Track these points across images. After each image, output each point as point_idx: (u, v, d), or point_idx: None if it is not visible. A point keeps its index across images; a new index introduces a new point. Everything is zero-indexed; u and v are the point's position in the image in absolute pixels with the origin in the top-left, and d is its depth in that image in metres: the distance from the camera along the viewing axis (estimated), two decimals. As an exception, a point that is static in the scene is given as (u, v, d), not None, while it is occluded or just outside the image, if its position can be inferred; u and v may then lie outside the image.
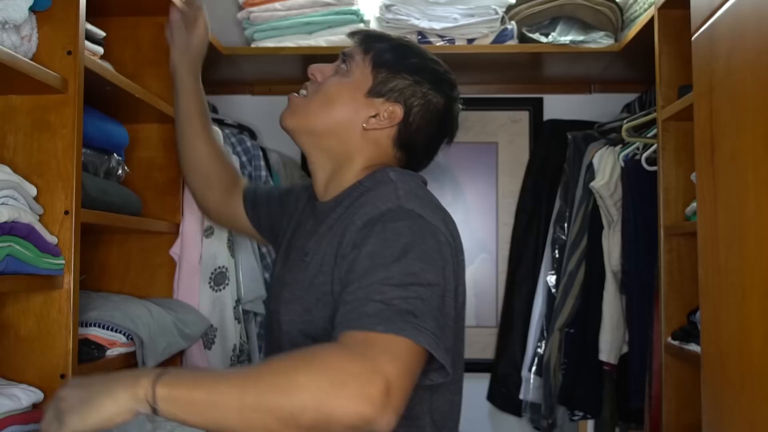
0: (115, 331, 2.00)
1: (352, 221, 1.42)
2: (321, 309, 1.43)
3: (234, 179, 1.99)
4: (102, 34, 1.99)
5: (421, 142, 1.61)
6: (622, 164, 2.69)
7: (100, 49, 1.97)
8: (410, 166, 1.62)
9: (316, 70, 1.64)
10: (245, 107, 3.28)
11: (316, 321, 1.44)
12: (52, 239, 1.68)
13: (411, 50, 1.62)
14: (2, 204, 1.57)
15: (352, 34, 1.65)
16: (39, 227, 1.64)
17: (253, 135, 2.98)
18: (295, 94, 1.64)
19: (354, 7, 2.89)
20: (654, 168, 2.50)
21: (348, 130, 1.57)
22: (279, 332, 1.54)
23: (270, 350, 1.63)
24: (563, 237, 2.95)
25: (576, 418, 2.85)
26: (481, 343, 3.26)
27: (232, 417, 1.14)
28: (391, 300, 1.24)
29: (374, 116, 1.56)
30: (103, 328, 1.99)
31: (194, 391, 1.17)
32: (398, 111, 1.56)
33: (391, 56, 1.58)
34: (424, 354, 1.25)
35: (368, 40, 1.61)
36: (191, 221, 2.45)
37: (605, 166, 2.74)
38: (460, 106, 1.67)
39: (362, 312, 1.24)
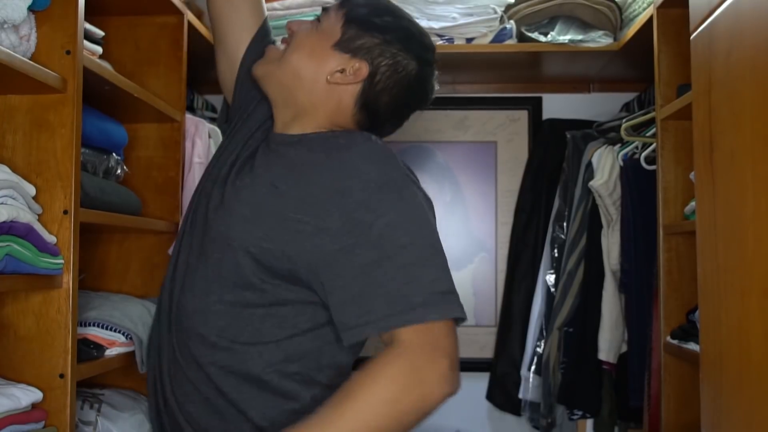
0: (115, 331, 2.00)
1: (350, 177, 1.42)
2: (287, 243, 1.42)
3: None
4: (101, 33, 1.99)
5: (385, 105, 1.57)
6: (621, 163, 2.69)
7: (99, 49, 1.97)
8: (372, 130, 1.59)
9: (294, 23, 1.61)
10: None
11: (276, 252, 1.43)
12: (51, 239, 1.68)
13: (386, 9, 1.59)
14: (1, 203, 1.57)
15: None
16: (38, 227, 1.64)
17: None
18: (273, 46, 1.63)
19: (353, 7, 2.89)
20: (653, 167, 2.50)
21: (313, 80, 1.54)
22: (217, 246, 1.50)
23: (189, 269, 1.56)
24: (562, 236, 2.95)
25: (575, 417, 2.85)
26: (480, 342, 3.26)
27: None
28: (431, 283, 1.37)
29: (340, 71, 1.53)
30: (103, 327, 1.99)
31: None
32: (364, 68, 1.53)
33: (363, 13, 1.55)
34: None
35: None
36: (190, 221, 2.45)
37: (604, 165, 2.74)
38: (436, 72, 1.62)
39: (411, 302, 1.34)
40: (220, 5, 1.77)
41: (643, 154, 2.60)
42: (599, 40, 2.82)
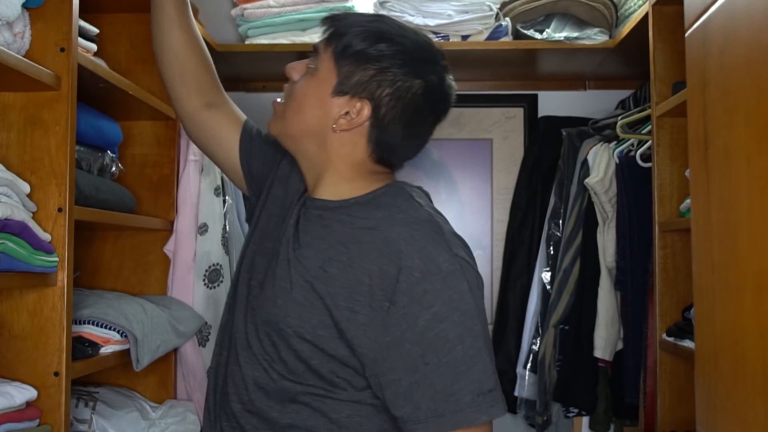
0: (109, 329, 2.00)
1: (394, 262, 1.35)
2: (341, 331, 1.37)
3: (214, 87, 1.77)
4: (95, 30, 1.99)
5: (398, 134, 1.45)
6: (617, 161, 2.69)
7: (94, 46, 1.97)
8: (392, 163, 1.50)
9: (291, 69, 1.50)
10: (239, 104, 3.24)
11: (325, 341, 1.38)
12: (46, 236, 1.68)
13: (378, 34, 1.43)
14: (-5, 201, 1.57)
15: (323, 21, 1.48)
16: (32, 224, 1.64)
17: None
18: (277, 100, 1.53)
19: (348, 4, 2.89)
20: (648, 164, 2.50)
21: (322, 133, 1.45)
22: (275, 332, 1.43)
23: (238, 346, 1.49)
24: (558, 233, 2.95)
25: (571, 414, 2.85)
26: (476, 339, 3.25)
27: None
28: (478, 381, 1.33)
29: (344, 116, 1.42)
30: (97, 325, 1.99)
31: None
32: (366, 107, 1.41)
33: (354, 45, 1.42)
34: None
35: (334, 30, 1.45)
36: (185, 218, 2.45)
37: (600, 163, 2.74)
38: (449, 76, 1.48)
39: (460, 402, 1.32)
40: (198, 130, 1.74)
41: (639, 152, 2.60)
42: (595, 37, 2.82)
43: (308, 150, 1.49)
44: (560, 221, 2.96)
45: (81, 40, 1.85)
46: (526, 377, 2.98)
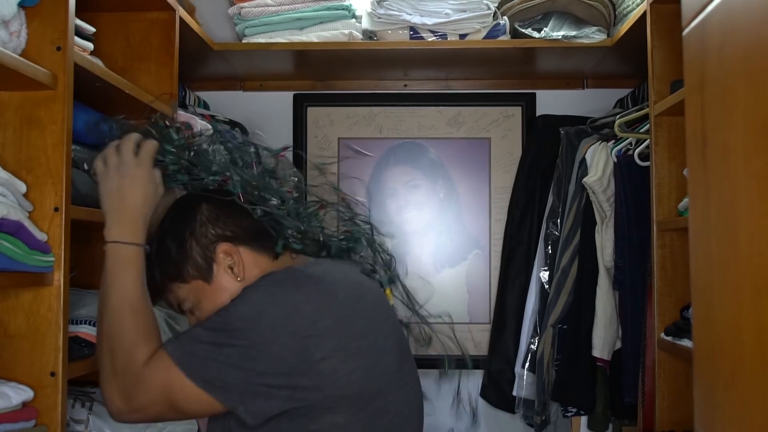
0: (106, 329, 1.98)
1: None
2: None
3: None
4: (92, 29, 1.98)
5: (247, 223, 1.60)
6: (615, 159, 2.69)
7: (90, 45, 1.96)
8: (268, 243, 1.62)
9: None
10: (236, 103, 3.27)
11: None
12: (42, 236, 1.67)
13: (161, 237, 1.63)
14: (-9, 201, 1.56)
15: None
16: (28, 224, 1.63)
17: (244, 131, 2.98)
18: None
19: (345, 3, 2.89)
20: (647, 163, 2.50)
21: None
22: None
23: None
24: (556, 233, 2.95)
25: (569, 414, 2.85)
26: (474, 339, 3.25)
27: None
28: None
29: (231, 269, 1.58)
30: (94, 325, 1.98)
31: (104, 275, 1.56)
32: (224, 246, 1.58)
33: (166, 266, 1.60)
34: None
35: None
36: (183, 218, 2.44)
37: (598, 162, 2.74)
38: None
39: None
40: None
41: (637, 150, 2.60)
42: (593, 35, 2.81)
43: None
44: (558, 220, 2.95)
45: (77, 39, 1.84)
46: (525, 377, 2.98)
